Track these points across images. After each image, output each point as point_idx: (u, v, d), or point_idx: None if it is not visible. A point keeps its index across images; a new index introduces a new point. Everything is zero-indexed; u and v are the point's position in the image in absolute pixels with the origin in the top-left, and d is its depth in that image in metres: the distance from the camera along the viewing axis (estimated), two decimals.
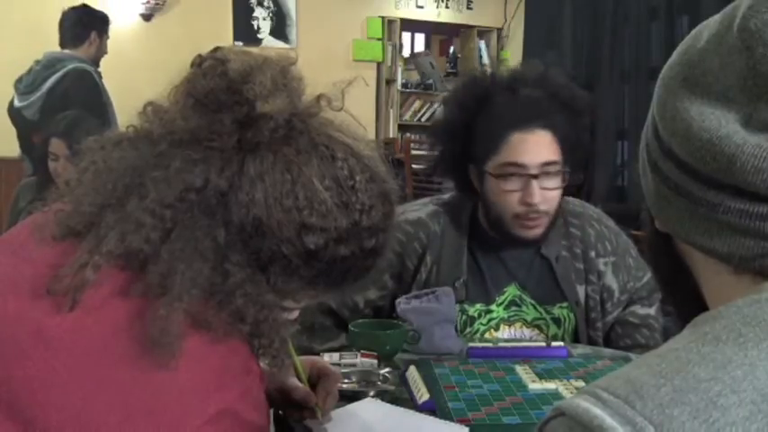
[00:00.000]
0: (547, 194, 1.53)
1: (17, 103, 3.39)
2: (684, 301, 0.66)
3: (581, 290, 1.64)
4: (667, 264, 0.66)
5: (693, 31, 0.60)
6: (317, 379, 1.13)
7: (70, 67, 3.35)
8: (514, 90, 1.56)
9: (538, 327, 1.63)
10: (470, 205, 1.66)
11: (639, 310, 1.67)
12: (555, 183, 1.54)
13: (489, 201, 1.58)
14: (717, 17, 0.59)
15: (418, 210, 1.67)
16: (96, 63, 3.52)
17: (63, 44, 3.48)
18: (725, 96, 0.54)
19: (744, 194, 0.53)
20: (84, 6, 3.57)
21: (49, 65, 3.37)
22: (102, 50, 3.57)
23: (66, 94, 3.18)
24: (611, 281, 1.65)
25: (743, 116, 0.53)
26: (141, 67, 3.83)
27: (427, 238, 1.63)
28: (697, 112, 0.55)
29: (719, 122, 0.53)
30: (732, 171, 0.52)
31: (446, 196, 1.74)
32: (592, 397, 0.50)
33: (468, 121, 1.58)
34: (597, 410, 0.48)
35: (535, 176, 1.51)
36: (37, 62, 3.42)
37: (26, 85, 3.34)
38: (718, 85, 0.54)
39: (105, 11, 5.02)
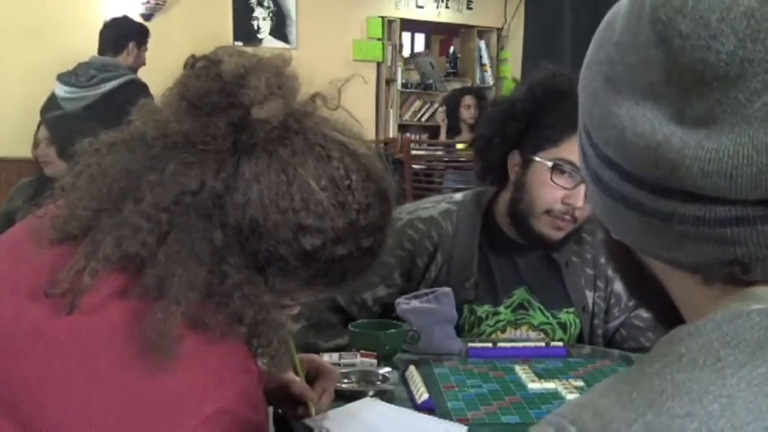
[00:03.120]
0: (586, 204, 1.52)
1: (62, 93, 3.43)
2: (660, 308, 0.59)
3: (589, 296, 1.63)
4: (633, 272, 0.59)
5: (604, 21, 0.55)
6: (314, 376, 1.13)
7: (129, 77, 3.44)
8: None
9: (544, 331, 1.63)
10: (484, 205, 1.64)
11: (644, 313, 1.67)
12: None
13: (527, 190, 1.55)
14: (624, 2, 0.52)
15: (431, 208, 1.66)
16: (134, 73, 3.63)
17: (102, 51, 3.59)
18: (652, 93, 0.48)
19: (696, 199, 0.47)
20: (125, 17, 3.68)
21: (103, 68, 3.45)
22: (140, 61, 3.70)
23: (128, 103, 3.21)
24: (619, 287, 1.63)
25: (675, 112, 0.47)
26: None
27: (439, 237, 1.62)
28: (627, 116, 0.49)
29: (653, 125, 0.48)
30: (678, 177, 0.47)
31: (459, 195, 1.72)
32: (558, 431, 0.47)
33: (535, 108, 1.55)
34: None
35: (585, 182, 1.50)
36: (85, 63, 3.49)
37: (86, 78, 3.40)
38: (642, 82, 0.49)
39: (105, 11, 5.05)
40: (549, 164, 1.52)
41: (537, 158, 1.54)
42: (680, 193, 0.48)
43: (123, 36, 3.62)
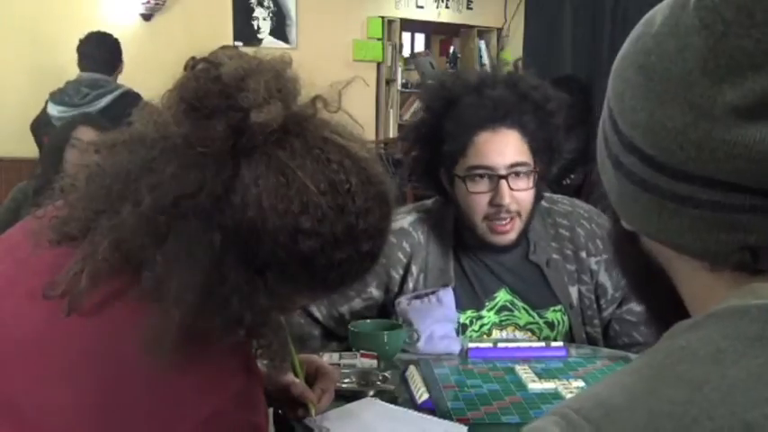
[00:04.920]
0: (517, 195, 1.52)
1: (55, 113, 3.39)
2: (660, 305, 0.61)
3: (574, 291, 1.63)
4: (637, 265, 0.61)
5: (643, 20, 0.56)
6: (314, 377, 1.13)
7: (123, 90, 3.41)
8: (480, 91, 1.54)
9: (531, 331, 1.63)
10: (452, 211, 1.64)
11: (636, 307, 1.67)
12: (525, 184, 1.53)
13: (460, 204, 1.57)
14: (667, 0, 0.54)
15: (401, 219, 1.65)
16: None
17: (95, 69, 3.52)
18: (685, 81, 0.49)
19: (716, 185, 0.49)
20: (109, 35, 3.65)
21: (95, 85, 3.42)
22: (118, 75, 3.67)
23: (126, 116, 3.19)
24: (604, 279, 1.64)
25: (707, 99, 0.48)
26: (141, 67, 3.82)
27: (411, 247, 1.61)
28: (657, 100, 0.51)
29: (683, 109, 0.49)
30: (702, 161, 0.49)
31: (429, 202, 1.73)
32: (563, 420, 0.47)
33: (436, 124, 1.57)
34: None
35: (504, 177, 1.50)
36: (74, 81, 3.46)
37: (80, 97, 3.36)
38: (676, 69, 0.50)
39: (105, 11, 5.05)
40: (463, 176, 1.53)
41: (455, 173, 1.55)
42: (700, 178, 0.49)
43: (115, 54, 3.60)
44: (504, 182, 1.50)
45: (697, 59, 0.49)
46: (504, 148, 1.51)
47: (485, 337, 1.62)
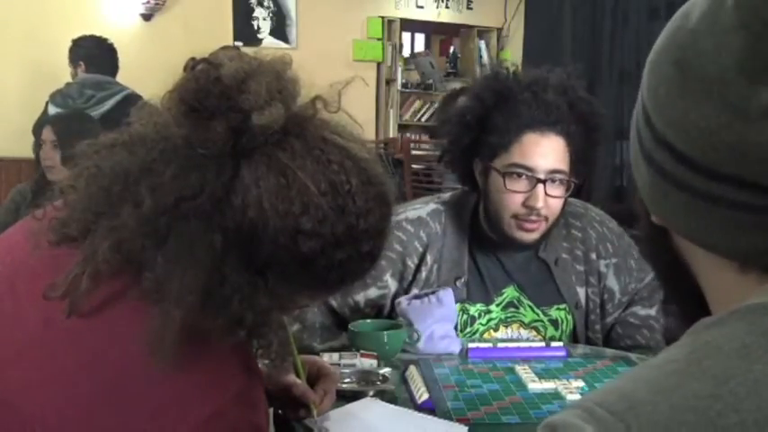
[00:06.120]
0: (550, 201, 1.53)
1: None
2: (687, 301, 0.61)
3: (581, 292, 1.64)
4: (666, 259, 0.61)
5: (679, 12, 0.55)
6: (316, 378, 1.13)
7: (127, 92, 3.41)
8: (535, 92, 1.54)
9: (535, 328, 1.64)
10: (471, 204, 1.66)
11: (640, 311, 1.68)
12: (560, 191, 1.54)
13: (491, 198, 1.57)
14: None
15: (419, 209, 1.67)
16: None
17: (98, 70, 3.52)
18: (721, 80, 0.49)
19: (749, 186, 0.49)
20: (105, 39, 3.63)
21: (98, 86, 3.41)
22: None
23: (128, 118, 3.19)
24: (612, 283, 1.65)
25: (741, 100, 0.48)
26: (141, 67, 3.81)
27: (428, 237, 1.63)
28: (692, 98, 0.50)
29: (717, 110, 0.49)
30: (735, 162, 0.48)
31: (447, 195, 1.74)
32: (585, 413, 0.47)
33: (484, 114, 1.57)
34: (589, 428, 0.46)
35: (542, 181, 1.51)
36: (77, 83, 3.45)
37: (84, 99, 3.35)
38: (713, 68, 0.49)
39: (105, 11, 5.05)
40: (502, 171, 1.53)
41: (493, 166, 1.56)
42: (733, 179, 0.49)
43: (114, 57, 3.61)
44: (541, 186, 1.51)
45: (734, 59, 0.48)
46: (549, 152, 1.52)
47: (491, 331, 1.63)
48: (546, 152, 1.52)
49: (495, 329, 1.63)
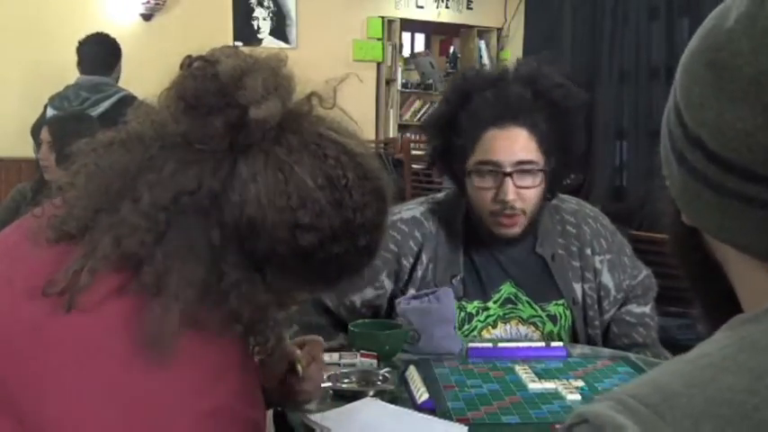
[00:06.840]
0: (522, 193, 1.54)
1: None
2: (715, 302, 0.60)
3: (578, 287, 1.64)
4: (696, 260, 0.60)
5: (715, 12, 0.54)
6: (300, 346, 1.14)
7: (121, 94, 3.38)
8: (496, 87, 1.55)
9: (534, 324, 1.64)
10: (464, 203, 1.66)
11: (635, 308, 1.68)
12: (531, 181, 1.54)
13: (470, 198, 1.60)
14: None
15: (413, 209, 1.68)
16: None
17: (92, 72, 3.48)
18: (757, 81, 0.48)
19: None
20: (106, 35, 3.61)
21: (94, 89, 3.39)
22: (118, 75, 3.63)
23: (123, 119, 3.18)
24: (607, 279, 1.65)
25: None
26: (141, 66, 3.80)
27: (422, 237, 1.64)
28: (727, 99, 0.50)
29: (754, 111, 0.48)
30: None
31: (440, 195, 1.76)
32: (618, 404, 0.47)
33: (451, 117, 1.59)
34: (622, 419, 0.45)
35: (509, 174, 1.52)
36: (74, 85, 3.43)
37: (79, 102, 3.33)
38: (749, 69, 0.49)
39: (105, 11, 5.05)
40: (471, 171, 1.56)
41: (464, 167, 1.58)
42: (767, 180, 0.49)
43: (112, 55, 3.57)
44: (508, 179, 1.52)
45: None
46: (511, 145, 1.53)
47: (489, 329, 1.63)
48: (507, 145, 1.53)
49: (494, 326, 1.63)
